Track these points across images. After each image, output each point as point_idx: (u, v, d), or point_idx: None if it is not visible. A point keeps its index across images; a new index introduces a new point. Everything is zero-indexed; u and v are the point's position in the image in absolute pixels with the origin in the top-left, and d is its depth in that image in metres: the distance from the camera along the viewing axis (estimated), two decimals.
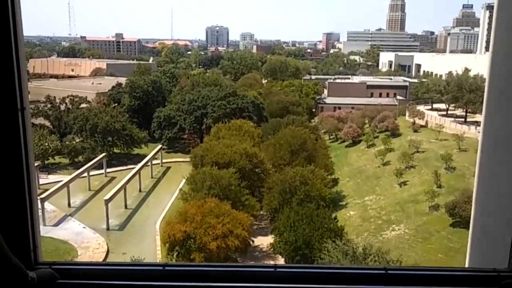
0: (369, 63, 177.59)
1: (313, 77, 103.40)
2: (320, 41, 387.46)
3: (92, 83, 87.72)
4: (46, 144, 53.69)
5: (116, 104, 70.19)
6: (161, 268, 2.43)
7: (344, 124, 63.66)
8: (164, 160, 58.88)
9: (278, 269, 2.43)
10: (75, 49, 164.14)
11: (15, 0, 2.21)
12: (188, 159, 60.20)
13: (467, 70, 62.98)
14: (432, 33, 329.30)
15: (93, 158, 52.92)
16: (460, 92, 55.13)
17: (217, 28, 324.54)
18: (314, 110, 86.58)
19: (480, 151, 2.80)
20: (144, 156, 59.86)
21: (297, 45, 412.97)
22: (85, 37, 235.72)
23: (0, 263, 1.94)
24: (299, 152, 41.12)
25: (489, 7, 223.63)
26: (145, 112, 66.96)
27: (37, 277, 2.18)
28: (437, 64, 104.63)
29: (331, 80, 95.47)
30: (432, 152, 47.23)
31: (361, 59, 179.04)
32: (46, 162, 54.49)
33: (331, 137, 63.98)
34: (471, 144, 46.97)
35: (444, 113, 62.66)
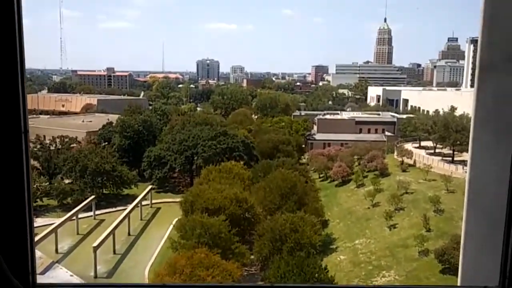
0: (358, 96, 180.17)
1: (302, 112, 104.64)
2: (309, 74, 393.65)
3: (83, 121, 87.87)
4: (35, 186, 53.29)
5: (106, 143, 70.24)
6: None
7: (334, 162, 64.18)
8: (154, 201, 58.56)
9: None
10: (66, 84, 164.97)
11: (21, 31, 2.37)
12: (178, 199, 60.44)
13: (453, 108, 64.33)
14: (419, 65, 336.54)
15: (82, 200, 52.55)
16: (446, 132, 56.13)
17: (208, 61, 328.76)
18: (304, 146, 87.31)
19: (470, 158, 2.97)
20: (134, 196, 59.60)
21: (286, 77, 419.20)
22: (76, 71, 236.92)
23: (1, 284, 1.99)
24: (289, 196, 41.28)
25: (473, 41, 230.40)
26: (135, 152, 67.00)
27: None
28: (424, 100, 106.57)
29: (321, 116, 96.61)
30: (421, 194, 47.63)
31: (350, 92, 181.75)
32: (34, 204, 53.92)
33: (321, 175, 64.31)
34: (459, 185, 47.54)
35: (432, 151, 63.61)
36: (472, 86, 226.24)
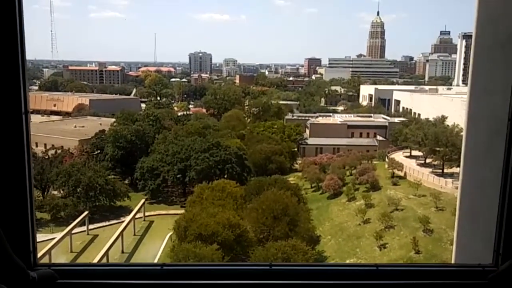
0: (350, 93, 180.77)
1: (295, 115, 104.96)
2: (302, 66, 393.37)
3: (75, 126, 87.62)
4: None
5: (99, 151, 70.37)
6: (159, 267, 2.49)
7: (326, 172, 65.13)
8: (147, 213, 58.88)
9: (273, 267, 2.49)
10: (58, 82, 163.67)
11: (21, 13, 2.40)
12: (171, 211, 60.94)
13: (443, 118, 65.03)
14: (411, 58, 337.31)
15: (75, 215, 52.91)
16: (436, 146, 56.86)
17: (200, 54, 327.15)
18: (296, 149, 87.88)
19: (464, 148, 3.00)
20: (127, 208, 60.07)
21: (279, 69, 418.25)
22: (67, 66, 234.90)
23: (3, 262, 2.03)
24: (281, 217, 41.83)
25: (466, 36, 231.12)
26: (128, 161, 67.20)
27: (38, 277, 2.24)
28: (415, 103, 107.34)
29: (313, 120, 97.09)
30: (410, 211, 48.40)
31: (342, 89, 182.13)
32: None
33: (313, 185, 64.82)
34: (448, 202, 48.46)
35: (423, 161, 64.37)
36: (464, 81, 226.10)
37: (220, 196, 45.59)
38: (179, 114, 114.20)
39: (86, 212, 52.31)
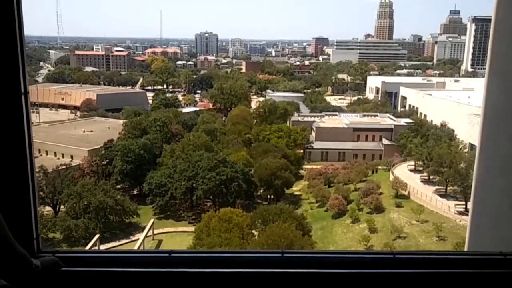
0: (357, 81, 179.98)
1: (300, 116, 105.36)
2: (309, 45, 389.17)
3: (84, 131, 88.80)
4: (44, 220, 55.33)
5: (108, 162, 71.92)
6: (167, 254, 2.39)
7: (331, 186, 66.52)
8: (155, 230, 60.51)
9: (285, 255, 2.37)
10: (65, 74, 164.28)
11: None
12: (180, 228, 62.62)
13: (452, 138, 65.03)
14: (420, 38, 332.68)
15: (86, 236, 54.84)
16: (440, 167, 57.54)
17: (206, 34, 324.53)
18: (302, 152, 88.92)
19: (481, 124, 2.90)
20: (137, 224, 61.93)
21: (287, 47, 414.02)
22: (74, 51, 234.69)
23: (6, 250, 1.98)
24: None
25: (475, 20, 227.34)
26: (136, 174, 68.73)
27: (41, 265, 2.20)
28: (421, 101, 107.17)
29: (319, 123, 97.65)
30: (413, 239, 49.51)
31: (349, 78, 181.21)
32: (41, 236, 55.90)
33: (318, 199, 65.86)
34: (450, 231, 49.57)
35: (427, 177, 65.06)
36: (472, 66, 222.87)
37: (226, 227, 46.89)
38: (186, 110, 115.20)
39: (97, 236, 53.98)
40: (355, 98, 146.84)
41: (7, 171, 2.32)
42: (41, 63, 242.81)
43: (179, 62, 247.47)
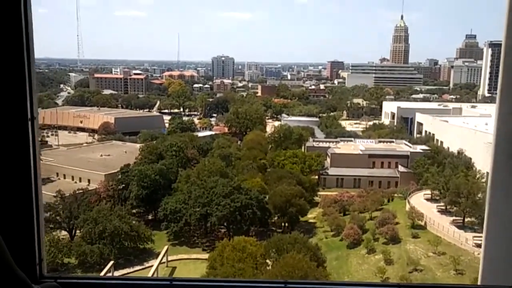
0: (373, 105, 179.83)
1: (315, 141, 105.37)
2: (325, 68, 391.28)
3: (101, 155, 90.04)
4: (60, 245, 55.95)
5: (124, 187, 72.64)
6: (168, 282, 2.33)
7: (346, 214, 66.02)
8: (169, 257, 60.49)
9: (288, 285, 2.29)
10: (84, 97, 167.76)
11: (28, 15, 2.34)
12: (193, 255, 62.56)
13: (469, 166, 64.25)
14: (436, 62, 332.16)
15: (101, 262, 55.10)
16: (457, 198, 56.80)
17: (223, 58, 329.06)
18: (317, 178, 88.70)
19: (493, 151, 2.82)
20: (151, 250, 62.04)
21: (302, 70, 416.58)
22: (93, 74, 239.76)
23: (5, 276, 1.92)
24: None
25: (492, 45, 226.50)
26: (151, 199, 69.26)
27: None
28: (438, 128, 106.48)
29: (334, 149, 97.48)
30: (429, 273, 48.66)
31: (364, 102, 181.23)
32: (57, 261, 56.34)
33: (332, 228, 65.31)
34: (468, 264, 48.61)
35: (444, 206, 64.20)
36: (489, 91, 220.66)
37: (240, 256, 46.73)
38: (202, 134, 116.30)
39: (111, 262, 54.21)
40: (371, 123, 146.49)
41: (12, 195, 2.31)
42: (61, 86, 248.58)
43: (195, 85, 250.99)
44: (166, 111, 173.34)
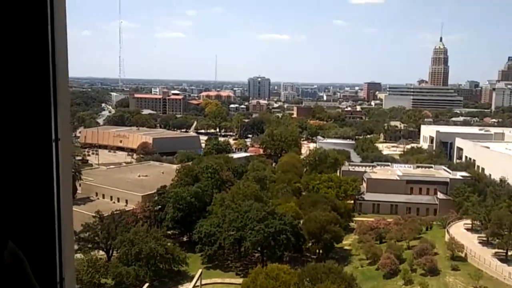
0: (411, 128, 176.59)
1: (351, 165, 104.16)
2: (361, 89, 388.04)
3: (139, 176, 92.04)
4: (98, 266, 57.11)
5: (160, 208, 73.87)
6: None
7: (383, 242, 64.52)
8: (203, 281, 60.64)
9: None
10: (124, 117, 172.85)
11: (56, 35, 2.32)
12: (227, 279, 62.58)
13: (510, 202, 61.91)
14: (477, 84, 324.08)
15: (137, 284, 55.90)
16: (500, 229, 54.70)
17: (259, 79, 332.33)
18: (353, 203, 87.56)
19: None
20: (185, 273, 62.45)
21: (338, 91, 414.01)
22: (133, 94, 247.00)
23: None
24: None
25: None
26: (187, 221, 70.10)
27: None
28: (478, 154, 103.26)
29: (370, 174, 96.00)
30: None
31: (402, 125, 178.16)
32: (93, 281, 57.47)
33: (368, 256, 63.96)
34: None
35: (485, 238, 61.86)
36: None
37: (273, 285, 46.40)
38: (237, 156, 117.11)
39: (146, 284, 54.91)
40: (408, 146, 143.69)
41: (34, 215, 2.33)
42: (103, 105, 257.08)
43: (232, 105, 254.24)
44: (202, 131, 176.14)
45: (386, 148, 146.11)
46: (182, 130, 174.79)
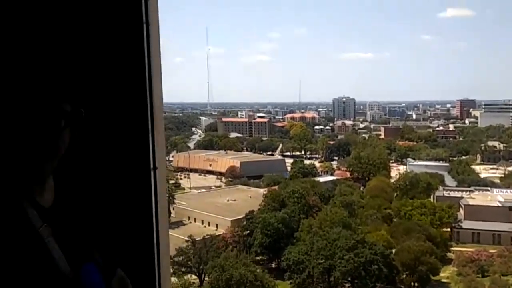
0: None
1: (446, 190, 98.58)
2: (454, 106, 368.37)
3: (228, 200, 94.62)
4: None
5: (248, 233, 75.17)
6: None
7: (485, 281, 59.82)
8: None
9: None
10: (213, 141, 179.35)
11: (150, 66, 2.34)
12: None
13: None
14: None
15: None
16: None
17: (344, 99, 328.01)
18: (449, 231, 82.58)
19: None
20: None
21: (428, 109, 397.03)
22: (221, 118, 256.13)
23: None
24: None
25: None
26: (274, 248, 70.57)
27: None
28: None
29: (467, 199, 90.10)
30: None
31: (501, 145, 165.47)
32: None
33: None
34: None
35: None
36: None
37: None
38: (323, 180, 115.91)
39: None
40: (510, 168, 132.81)
41: (134, 244, 2.36)
42: (193, 129, 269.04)
43: (316, 126, 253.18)
44: (288, 153, 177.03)
45: (484, 171, 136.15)
46: (268, 153, 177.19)
